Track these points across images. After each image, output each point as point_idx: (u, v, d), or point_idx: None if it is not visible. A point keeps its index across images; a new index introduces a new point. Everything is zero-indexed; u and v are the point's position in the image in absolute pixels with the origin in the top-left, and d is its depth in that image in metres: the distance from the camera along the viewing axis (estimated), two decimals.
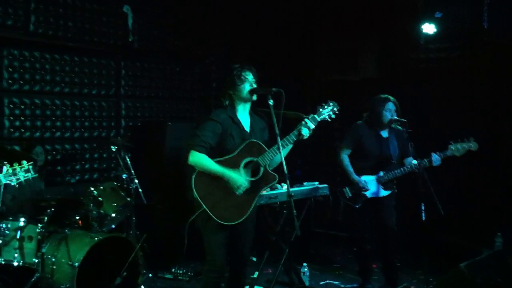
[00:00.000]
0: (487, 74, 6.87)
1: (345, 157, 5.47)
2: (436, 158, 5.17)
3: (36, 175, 3.54)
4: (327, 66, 8.29)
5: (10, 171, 3.41)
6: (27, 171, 3.48)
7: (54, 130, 6.36)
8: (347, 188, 5.44)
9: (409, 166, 5.27)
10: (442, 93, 7.21)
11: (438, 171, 5.33)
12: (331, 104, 4.27)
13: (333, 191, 5.68)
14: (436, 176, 5.31)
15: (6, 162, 3.44)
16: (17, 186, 3.47)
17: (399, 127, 5.39)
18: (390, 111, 5.35)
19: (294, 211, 3.80)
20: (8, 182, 3.41)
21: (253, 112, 4.34)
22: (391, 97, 5.41)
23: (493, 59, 6.76)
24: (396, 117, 5.32)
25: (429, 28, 6.80)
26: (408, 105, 5.94)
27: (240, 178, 4.03)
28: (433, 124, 7.09)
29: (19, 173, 3.43)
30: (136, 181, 5.70)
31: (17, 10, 5.90)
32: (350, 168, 5.40)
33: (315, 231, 7.13)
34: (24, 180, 3.47)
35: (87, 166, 6.70)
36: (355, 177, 5.36)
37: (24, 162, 3.48)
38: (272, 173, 4.18)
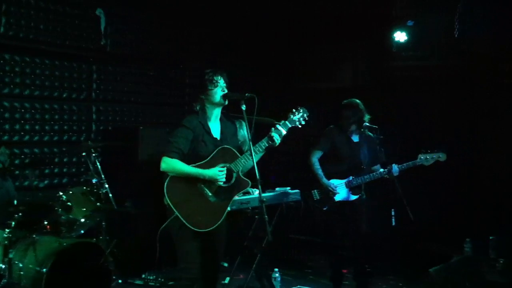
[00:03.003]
0: (460, 83, 7.00)
1: (315, 160, 5.52)
2: (395, 169, 5.28)
3: (8, 168, 3.41)
4: (304, 74, 8.37)
5: None
6: None
7: (23, 133, 6.24)
8: (315, 190, 5.50)
9: (378, 173, 5.34)
10: (417, 101, 7.33)
11: (409, 178, 5.41)
12: (301, 110, 4.30)
13: (301, 194, 5.71)
14: (407, 182, 5.38)
15: None
16: None
17: (370, 133, 5.45)
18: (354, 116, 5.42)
19: (266, 216, 3.81)
20: None
21: (224, 117, 4.34)
22: (356, 101, 5.48)
23: (464, 68, 6.89)
24: (362, 123, 5.39)
25: (401, 36, 6.91)
26: (384, 112, 6.02)
27: (214, 170, 4.02)
28: (407, 131, 7.19)
29: None
30: (107, 185, 5.64)
31: None
32: (320, 172, 5.46)
33: (287, 236, 7.15)
34: None
35: (56, 170, 6.58)
36: (325, 180, 5.42)
37: None
38: (245, 179, 4.18)
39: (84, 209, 5.29)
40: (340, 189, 5.42)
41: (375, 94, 6.98)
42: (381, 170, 5.32)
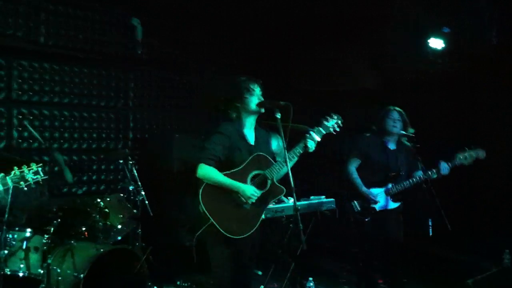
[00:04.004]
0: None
1: (353, 170, 5.43)
2: (444, 166, 5.12)
3: (46, 176, 3.48)
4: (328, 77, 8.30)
5: (18, 173, 3.37)
6: (36, 173, 3.43)
7: (62, 141, 6.38)
8: (355, 202, 5.40)
9: (417, 177, 5.22)
10: (436, 104, 7.22)
11: (445, 186, 5.30)
12: (335, 117, 4.28)
13: (340, 205, 5.65)
14: (443, 191, 5.28)
15: (16, 167, 3.40)
16: (25, 189, 3.41)
17: (407, 143, 5.37)
18: (393, 120, 5.33)
19: (301, 225, 3.79)
20: (15, 185, 3.36)
21: (258, 125, 4.35)
22: (396, 107, 5.40)
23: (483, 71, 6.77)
24: (403, 131, 5.31)
25: (437, 43, 6.80)
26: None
27: (249, 189, 4.02)
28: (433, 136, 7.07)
29: (27, 175, 3.39)
30: (143, 193, 5.70)
31: (27, 21, 5.95)
32: (359, 181, 5.37)
33: (321, 245, 7.09)
34: (33, 182, 3.41)
35: (94, 177, 6.72)
36: (364, 189, 5.32)
37: (33, 164, 3.44)
38: (280, 186, 4.17)
39: (121, 215, 5.35)
40: (380, 198, 5.33)
41: (391, 96, 6.88)
42: (428, 172, 5.17)
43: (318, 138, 4.16)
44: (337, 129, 4.27)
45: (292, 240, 5.47)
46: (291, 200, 4.63)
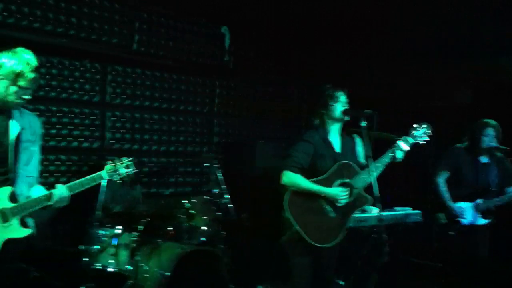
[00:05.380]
0: None
1: (441, 182, 5.29)
2: None
3: (138, 170, 3.66)
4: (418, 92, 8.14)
5: (112, 167, 3.57)
6: (127, 166, 3.62)
7: (151, 143, 6.63)
8: (441, 214, 5.25)
9: (510, 195, 5.00)
10: None
11: None
12: (424, 126, 4.20)
13: (425, 217, 5.50)
14: None
15: (109, 161, 3.61)
16: (119, 181, 3.60)
17: (500, 154, 5.15)
18: (488, 137, 5.13)
19: (384, 236, 3.73)
20: (109, 178, 3.56)
21: (343, 133, 4.33)
22: (491, 122, 5.20)
23: None
24: (497, 144, 5.10)
25: None
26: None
27: (336, 190, 4.01)
28: None
29: (120, 169, 3.57)
30: (226, 196, 5.80)
31: (122, 29, 6.23)
32: (446, 194, 5.21)
33: (404, 258, 6.91)
34: (126, 175, 3.60)
35: (180, 179, 6.93)
36: (451, 203, 5.17)
37: (125, 158, 3.64)
38: (366, 195, 4.13)
39: (205, 217, 5.45)
40: (467, 213, 5.15)
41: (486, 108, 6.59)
42: None
43: (406, 148, 4.09)
44: (426, 139, 4.18)
45: (374, 251, 5.38)
46: (375, 210, 4.56)
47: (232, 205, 5.81)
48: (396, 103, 8.33)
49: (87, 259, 4.90)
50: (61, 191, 3.38)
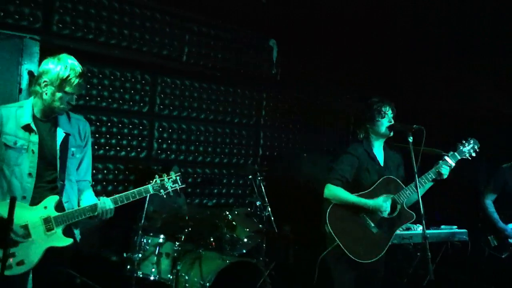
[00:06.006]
0: None
1: (489, 203, 5.14)
2: None
3: (184, 185, 3.69)
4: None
5: (159, 181, 3.60)
6: (174, 181, 3.64)
7: (196, 154, 6.71)
8: (491, 236, 5.09)
9: None
10: None
11: None
12: (472, 141, 4.08)
13: (473, 238, 5.33)
14: None
15: (156, 175, 3.64)
16: (165, 196, 3.63)
17: None
18: None
19: (429, 254, 3.63)
20: (155, 192, 3.59)
21: (388, 147, 4.26)
22: None
23: None
24: None
25: None
26: None
27: (379, 200, 3.94)
28: None
29: (167, 184, 3.61)
30: (269, 209, 5.79)
31: (172, 41, 6.35)
32: (495, 215, 5.06)
33: (450, 278, 6.70)
34: (171, 190, 3.62)
35: (224, 190, 6.97)
36: (501, 225, 5.01)
37: (172, 173, 3.66)
38: (409, 211, 4.05)
39: (247, 229, 5.45)
40: None
41: None
42: None
43: (452, 163, 3.99)
44: (473, 154, 4.06)
45: (419, 269, 5.26)
46: (420, 227, 4.46)
47: (273, 218, 5.78)
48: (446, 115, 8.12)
49: (131, 267, 4.97)
50: (105, 203, 3.43)
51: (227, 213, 5.47)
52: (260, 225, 5.61)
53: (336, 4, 5.84)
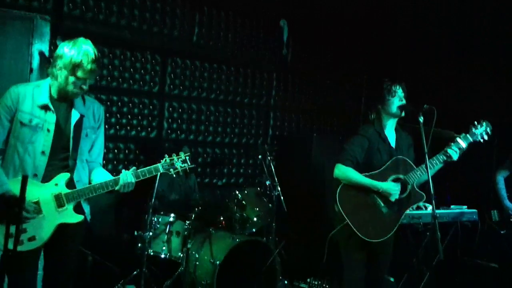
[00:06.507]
0: None
1: (500, 179, 5.15)
2: None
3: (193, 165, 3.72)
4: None
5: (168, 161, 3.63)
6: (184, 161, 3.67)
7: (206, 134, 6.72)
8: (495, 211, 5.11)
9: None
10: None
11: None
12: (484, 124, 4.05)
13: (483, 218, 5.33)
14: None
15: (166, 155, 3.67)
16: (174, 175, 3.66)
17: None
18: None
19: (438, 234, 3.64)
20: (165, 171, 3.62)
21: (400, 128, 4.25)
22: None
23: None
24: None
25: None
26: None
27: (389, 184, 3.95)
28: None
29: (176, 163, 3.64)
30: (279, 188, 5.81)
31: (183, 22, 6.34)
32: (503, 192, 5.07)
33: (460, 258, 6.72)
34: (181, 170, 3.65)
35: (234, 170, 6.99)
36: (507, 202, 5.05)
37: (182, 153, 3.69)
38: (420, 192, 4.04)
39: (257, 209, 5.48)
40: None
41: None
42: None
43: (464, 146, 3.97)
44: (486, 137, 4.04)
45: (428, 249, 5.27)
46: (430, 207, 4.46)
47: (283, 198, 5.80)
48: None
49: (142, 245, 5.03)
50: (127, 176, 3.46)
51: (237, 192, 5.49)
52: (270, 205, 5.64)
53: None
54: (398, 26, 7.21)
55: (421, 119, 3.89)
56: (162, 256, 5.09)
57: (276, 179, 5.87)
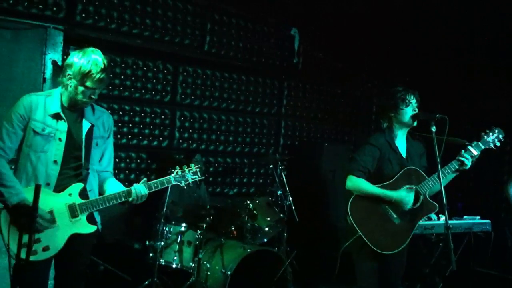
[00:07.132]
0: None
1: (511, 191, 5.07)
2: None
3: (203, 177, 3.73)
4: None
5: (180, 173, 3.64)
6: (194, 173, 3.69)
7: (217, 143, 6.73)
8: None
9: None
10: None
11: None
12: (496, 131, 4.00)
13: (496, 228, 5.27)
14: None
15: (178, 167, 3.68)
16: (185, 187, 3.68)
17: None
18: None
19: (451, 244, 3.59)
20: (176, 183, 3.63)
21: (411, 137, 4.21)
22: None
23: None
24: None
25: None
26: None
27: (402, 193, 3.91)
28: None
29: (187, 175, 3.66)
30: (290, 198, 5.78)
31: (194, 30, 6.36)
32: None
33: (473, 269, 6.65)
34: (191, 182, 3.67)
35: (245, 180, 6.99)
36: None
37: (192, 165, 3.71)
38: (432, 202, 4.00)
39: (268, 218, 5.46)
40: None
41: None
42: None
43: (476, 153, 3.93)
44: (498, 144, 3.99)
45: (441, 260, 5.22)
46: (443, 218, 4.41)
47: (295, 207, 5.78)
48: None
49: (153, 254, 5.02)
50: (140, 188, 3.46)
51: (248, 202, 5.48)
52: (281, 215, 5.61)
53: None
54: (410, 35, 7.16)
55: (433, 128, 3.84)
56: (174, 265, 5.08)
57: (287, 188, 5.85)
